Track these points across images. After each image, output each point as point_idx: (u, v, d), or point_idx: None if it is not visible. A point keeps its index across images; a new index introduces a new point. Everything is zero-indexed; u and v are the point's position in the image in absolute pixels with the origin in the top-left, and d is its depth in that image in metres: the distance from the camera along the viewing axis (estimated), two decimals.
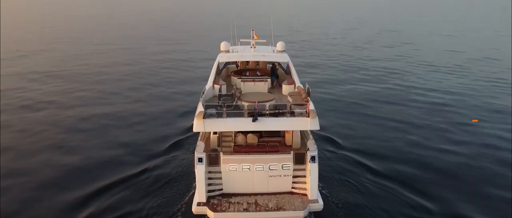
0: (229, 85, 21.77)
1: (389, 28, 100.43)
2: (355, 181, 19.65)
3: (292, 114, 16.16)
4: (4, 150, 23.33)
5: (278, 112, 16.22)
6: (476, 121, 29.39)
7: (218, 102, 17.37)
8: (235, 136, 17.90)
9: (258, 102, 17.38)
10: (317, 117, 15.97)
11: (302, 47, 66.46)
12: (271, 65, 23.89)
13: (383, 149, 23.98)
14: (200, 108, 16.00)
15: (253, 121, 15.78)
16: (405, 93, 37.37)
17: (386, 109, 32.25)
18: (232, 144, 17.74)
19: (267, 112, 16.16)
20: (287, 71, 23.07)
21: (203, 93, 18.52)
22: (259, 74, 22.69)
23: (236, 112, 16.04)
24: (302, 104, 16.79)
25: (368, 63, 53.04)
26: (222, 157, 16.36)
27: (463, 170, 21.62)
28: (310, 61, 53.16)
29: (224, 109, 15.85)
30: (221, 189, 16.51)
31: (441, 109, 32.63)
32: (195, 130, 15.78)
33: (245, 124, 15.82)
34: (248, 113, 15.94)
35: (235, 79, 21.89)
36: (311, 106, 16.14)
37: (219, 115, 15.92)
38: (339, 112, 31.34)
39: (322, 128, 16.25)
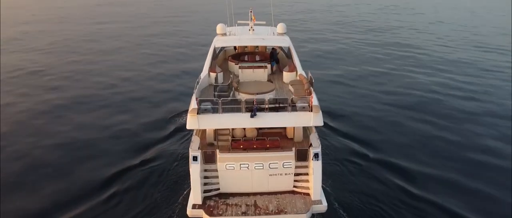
0: (226, 71, 20.41)
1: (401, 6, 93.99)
2: (361, 177, 18.52)
3: (294, 107, 14.92)
4: None
5: (278, 106, 14.96)
6: None
7: (214, 94, 16.27)
8: (232, 129, 16.75)
9: (257, 94, 16.30)
10: (320, 112, 14.81)
11: (305, 28, 61.55)
12: (271, 49, 22.41)
13: (395, 142, 22.22)
14: (193, 104, 14.78)
15: (252, 116, 14.67)
16: (421, 79, 34.45)
17: (397, 97, 29.86)
18: (230, 138, 16.60)
19: (267, 106, 14.90)
20: (289, 55, 21.62)
21: (198, 83, 17.28)
22: (258, 58, 21.28)
23: (233, 106, 14.79)
24: (304, 97, 15.50)
25: (376, 45, 49.05)
26: (219, 155, 15.25)
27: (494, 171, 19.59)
28: (314, 44, 49.40)
29: (220, 102, 14.68)
30: (218, 189, 15.46)
31: (464, 95, 30.31)
32: (188, 127, 14.65)
33: (242, 120, 14.72)
34: (246, 108, 14.71)
35: (233, 66, 20.47)
36: (314, 100, 14.92)
37: (214, 110, 14.71)
38: (344, 99, 29.39)
39: (324, 116, 14.96)
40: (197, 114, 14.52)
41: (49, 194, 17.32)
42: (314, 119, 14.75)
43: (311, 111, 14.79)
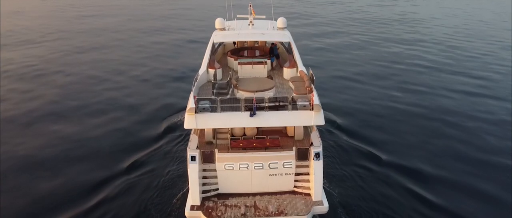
0: (225, 67, 19.99)
1: None
2: (362, 176, 18.14)
3: (294, 106, 14.52)
4: None
5: (278, 104, 14.56)
6: None
7: (213, 91, 15.93)
8: (231, 128, 16.35)
9: (256, 91, 15.95)
10: (321, 111, 14.44)
11: (306, 21, 59.99)
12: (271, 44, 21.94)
13: (398, 142, 21.59)
14: (191, 103, 14.39)
15: (251, 115, 14.29)
16: (426, 75, 33.54)
17: (401, 94, 29.07)
18: (229, 136, 16.24)
19: (266, 105, 14.49)
20: (289, 50, 21.18)
21: (196, 79, 16.86)
22: (257, 53, 20.83)
23: (232, 105, 14.38)
24: (305, 95, 15.09)
25: (379, 38, 48.03)
26: (217, 155, 14.90)
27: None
28: (315, 38, 48.22)
29: (219, 101, 14.29)
30: (217, 189, 15.12)
31: (470, 91, 29.52)
32: (186, 127, 14.25)
33: (241, 119, 14.33)
34: (245, 107, 14.32)
35: (232, 61, 20.04)
36: (315, 99, 14.53)
37: (213, 109, 14.32)
38: (346, 95, 28.71)
39: (325, 114, 14.49)
40: (195, 113, 14.16)
41: (36, 198, 16.71)
42: (315, 118, 14.37)
43: (312, 110, 14.42)
